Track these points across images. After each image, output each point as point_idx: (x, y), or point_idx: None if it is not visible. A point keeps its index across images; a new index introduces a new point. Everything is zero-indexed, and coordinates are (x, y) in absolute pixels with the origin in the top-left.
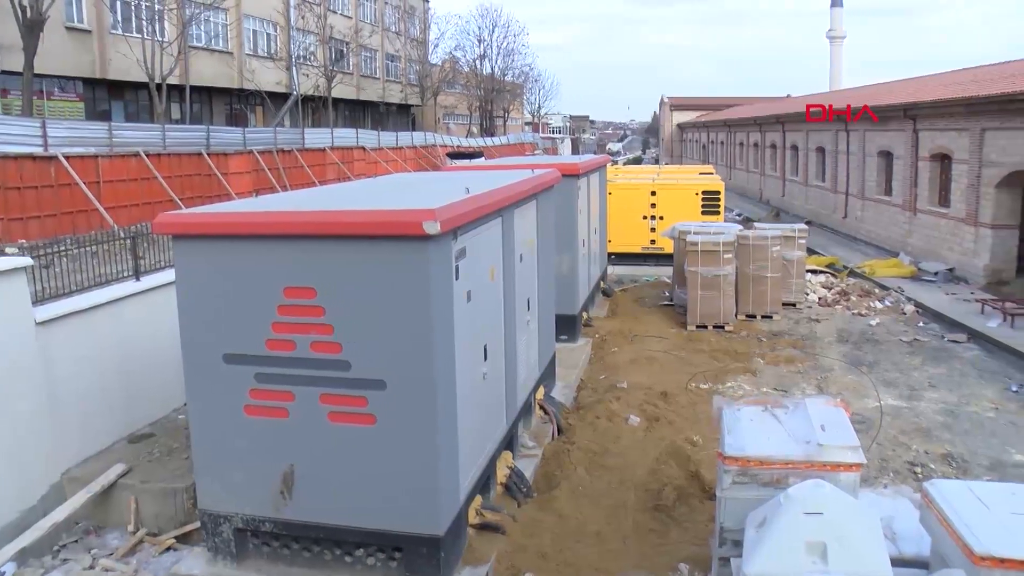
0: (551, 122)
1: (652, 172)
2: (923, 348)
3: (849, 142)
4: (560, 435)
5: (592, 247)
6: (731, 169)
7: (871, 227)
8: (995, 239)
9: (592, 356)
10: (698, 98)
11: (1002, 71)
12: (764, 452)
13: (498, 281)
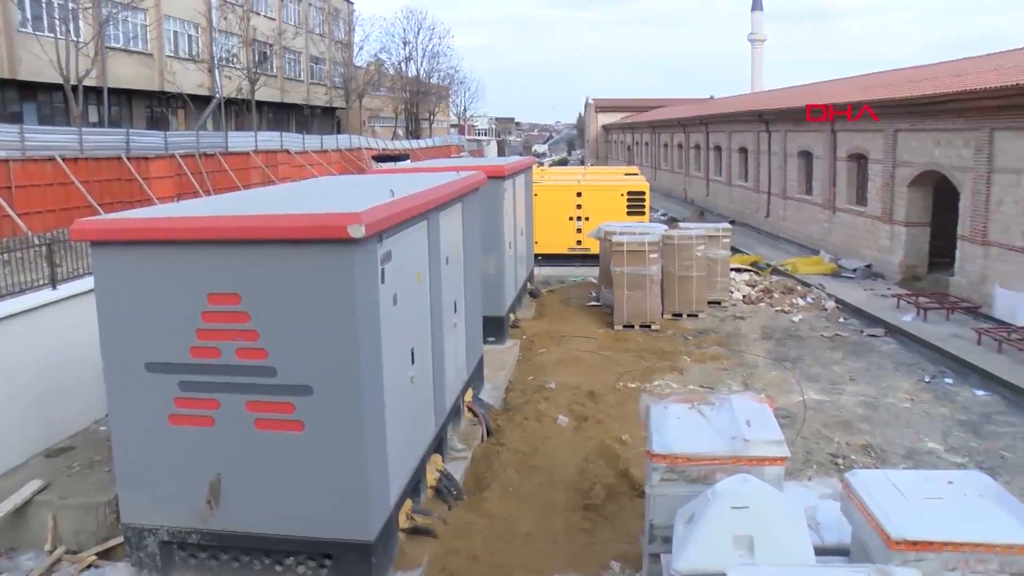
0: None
1: (578, 173)
2: (843, 343)
3: (771, 143)
4: (489, 436)
5: (518, 249)
6: (656, 170)
7: (793, 225)
8: (909, 236)
9: (520, 357)
10: (623, 100)
11: (914, 75)
12: (691, 449)
13: (424, 284)
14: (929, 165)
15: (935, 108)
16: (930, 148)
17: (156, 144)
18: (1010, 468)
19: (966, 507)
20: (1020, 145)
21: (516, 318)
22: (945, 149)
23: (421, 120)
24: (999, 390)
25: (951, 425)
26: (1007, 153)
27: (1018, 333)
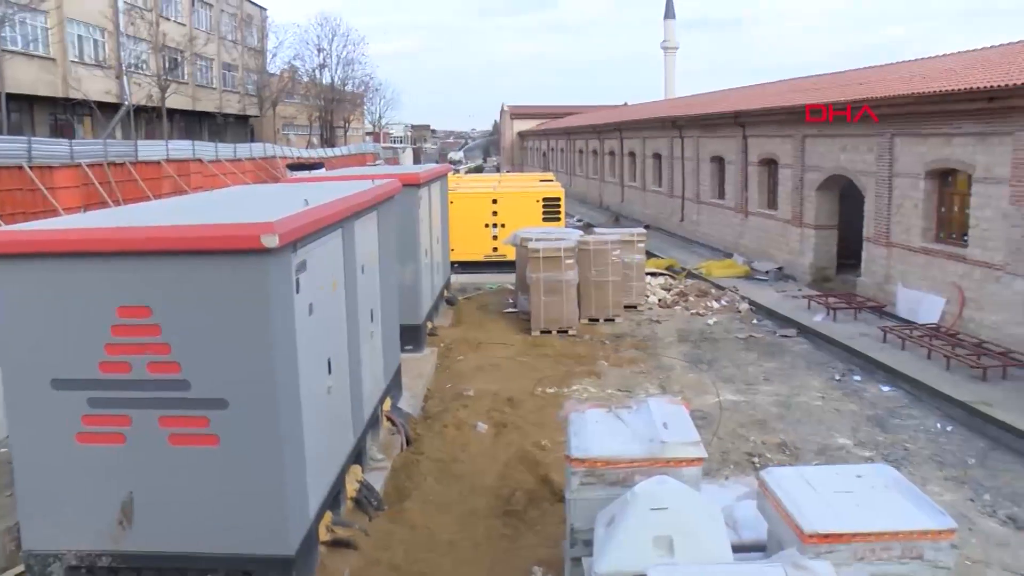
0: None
1: (493, 180)
2: (757, 344)
3: (684, 148)
4: (409, 446)
5: (435, 256)
6: (571, 176)
7: (707, 229)
8: (818, 239)
9: (438, 365)
10: (538, 106)
11: (822, 81)
12: (610, 452)
13: (340, 293)
14: (836, 170)
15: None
16: (836, 153)
17: (61, 153)
18: (913, 459)
19: (873, 499)
20: (918, 151)
21: (433, 326)
22: (850, 154)
23: (336, 128)
24: (903, 386)
25: (860, 420)
26: (906, 158)
27: (919, 330)
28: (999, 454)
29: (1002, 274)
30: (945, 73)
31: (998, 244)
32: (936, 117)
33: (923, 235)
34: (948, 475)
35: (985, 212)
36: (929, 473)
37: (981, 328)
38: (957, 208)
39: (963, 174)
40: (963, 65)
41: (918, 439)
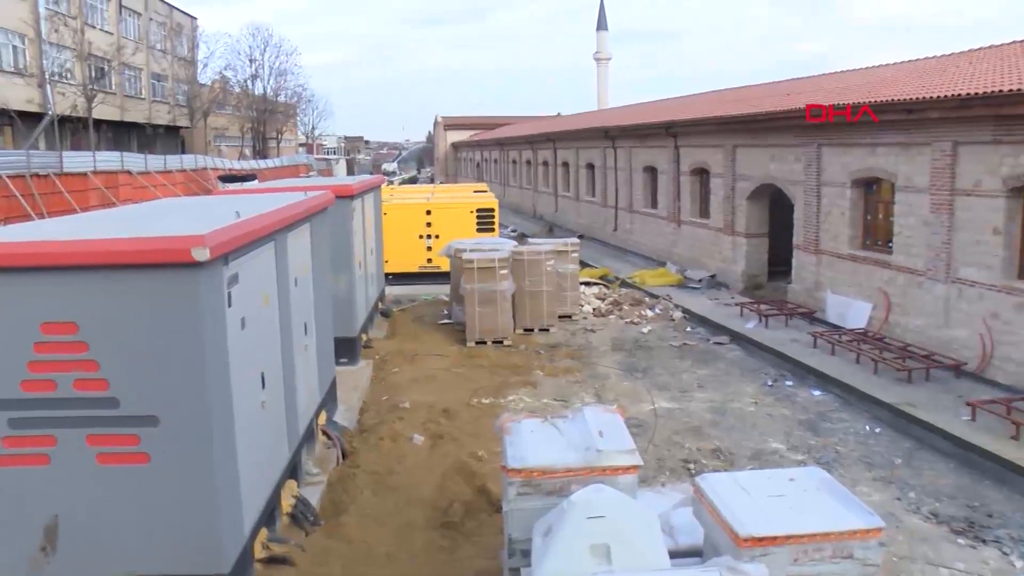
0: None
1: (427, 191)
2: (691, 351)
3: (617, 158)
4: (345, 459)
5: (369, 268)
6: (505, 186)
7: (640, 239)
8: (749, 247)
9: (373, 377)
10: (472, 117)
11: (751, 93)
12: (546, 462)
13: (273, 306)
14: (766, 179)
15: (769, 125)
16: (766, 163)
17: None
18: (843, 461)
19: (805, 501)
20: (844, 160)
21: (368, 338)
22: (779, 164)
23: (269, 139)
24: (833, 390)
25: (792, 425)
26: (833, 167)
27: (848, 335)
28: (924, 453)
29: (924, 279)
30: (868, 85)
31: (920, 250)
32: (860, 128)
33: (850, 242)
34: (876, 475)
35: (908, 220)
36: (859, 474)
37: (906, 332)
38: (882, 216)
39: (887, 183)
40: (886, 78)
41: (848, 441)
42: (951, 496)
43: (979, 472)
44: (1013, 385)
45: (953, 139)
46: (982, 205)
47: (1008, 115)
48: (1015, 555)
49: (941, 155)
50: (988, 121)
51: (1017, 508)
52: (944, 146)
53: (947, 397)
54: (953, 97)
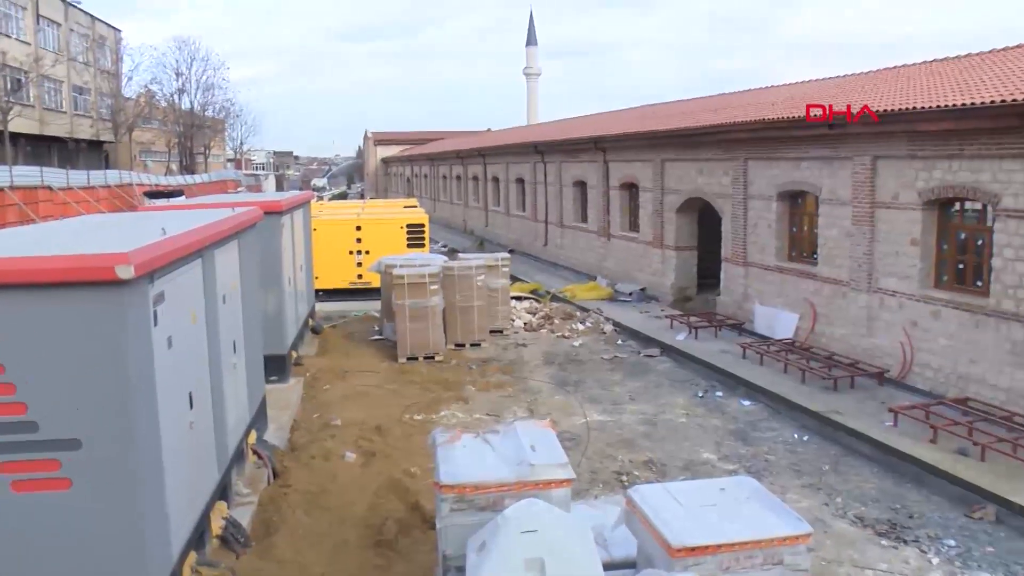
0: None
1: (357, 207)
2: (622, 364)
3: (547, 173)
4: (276, 479)
5: (298, 285)
6: (436, 202)
7: (570, 253)
8: (679, 260)
9: (304, 395)
10: (402, 132)
11: (680, 108)
12: (479, 477)
13: (201, 324)
14: (694, 192)
15: (698, 140)
16: (694, 176)
17: None
18: (773, 469)
19: (736, 510)
20: (770, 173)
21: (299, 355)
22: (707, 177)
23: (196, 154)
24: (762, 399)
25: (723, 435)
26: (759, 181)
27: (776, 346)
28: (850, 459)
29: (848, 290)
30: (793, 101)
31: (843, 262)
32: (785, 142)
33: (777, 254)
34: (805, 482)
35: (831, 232)
36: (788, 482)
37: (831, 341)
38: (807, 228)
39: (811, 196)
40: (810, 93)
41: (777, 450)
42: (875, 500)
43: (901, 475)
44: (932, 390)
45: (873, 154)
46: (900, 217)
47: (922, 131)
48: (932, 553)
49: (862, 169)
50: (904, 137)
51: (935, 508)
52: (864, 160)
53: (871, 404)
54: (871, 113)
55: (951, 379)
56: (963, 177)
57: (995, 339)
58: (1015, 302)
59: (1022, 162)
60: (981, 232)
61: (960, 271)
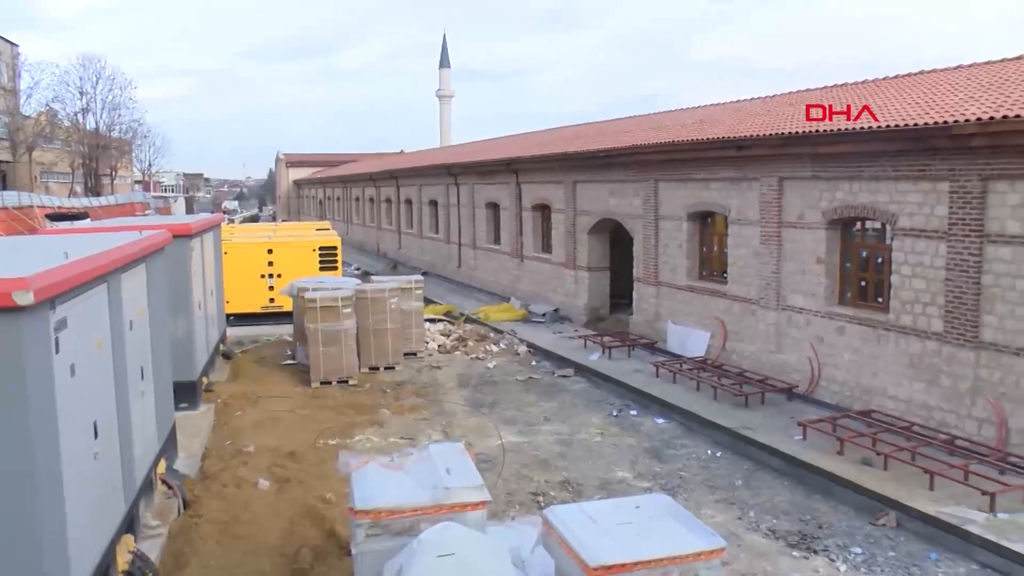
0: (164, 181)
1: (269, 230)
2: (537, 385)
3: (460, 195)
4: (186, 509)
5: (209, 309)
6: (349, 224)
7: (484, 275)
8: (591, 280)
9: (215, 422)
10: (314, 154)
11: (591, 130)
12: (394, 502)
13: (106, 351)
14: (606, 213)
15: (609, 161)
16: (606, 198)
17: None
18: (687, 485)
19: (651, 527)
20: (680, 195)
21: (210, 381)
22: (619, 199)
23: (102, 176)
24: (676, 417)
25: (637, 453)
26: (670, 202)
27: (688, 364)
28: (761, 473)
29: (757, 308)
30: (703, 123)
31: (752, 280)
32: (695, 164)
33: (688, 274)
34: (719, 497)
35: (740, 251)
36: (702, 497)
37: (742, 358)
38: (717, 248)
39: (720, 216)
40: (719, 116)
41: (691, 466)
42: (786, 512)
43: (810, 487)
44: (838, 404)
45: (779, 175)
46: (806, 236)
47: (824, 153)
48: (840, 561)
49: (768, 190)
50: (808, 159)
51: (842, 517)
52: (771, 181)
53: (781, 419)
54: (777, 135)
55: (856, 392)
56: (863, 198)
57: (895, 353)
58: (912, 317)
59: (916, 184)
60: (881, 250)
61: (863, 288)
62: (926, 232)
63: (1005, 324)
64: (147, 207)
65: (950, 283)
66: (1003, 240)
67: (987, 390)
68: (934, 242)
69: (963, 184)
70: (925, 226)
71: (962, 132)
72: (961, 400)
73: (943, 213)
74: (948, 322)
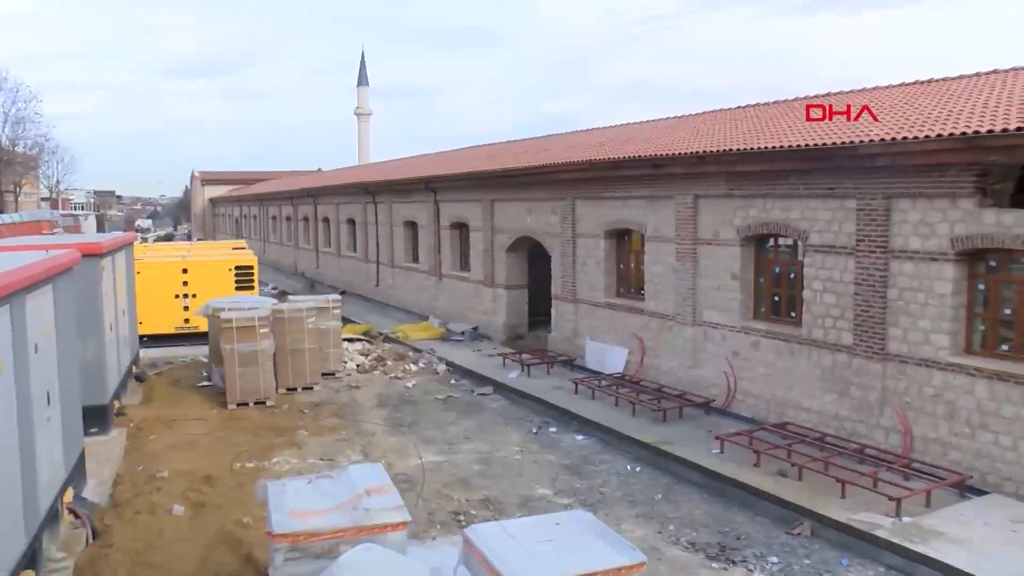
0: (73, 198)
1: (183, 249)
2: (456, 404)
3: (378, 213)
4: (95, 539)
5: (121, 330)
6: (266, 243)
7: (402, 293)
8: (510, 298)
9: (128, 447)
10: (230, 172)
11: (509, 148)
12: (312, 525)
13: (9, 375)
14: (523, 232)
15: (526, 180)
16: (523, 216)
17: None
18: (607, 501)
19: (572, 544)
20: (597, 213)
21: (122, 405)
22: (536, 217)
23: (5, 192)
24: (595, 433)
25: (558, 470)
26: (587, 220)
27: (607, 380)
28: (680, 487)
29: (673, 324)
30: (619, 142)
31: (669, 296)
32: (612, 182)
33: (606, 291)
34: (639, 512)
35: (657, 268)
36: (622, 512)
37: (660, 374)
38: (634, 265)
39: (637, 234)
40: (635, 135)
41: (611, 482)
42: (705, 524)
43: (728, 499)
44: (754, 417)
45: (694, 193)
46: (721, 253)
47: (738, 172)
48: (758, 571)
49: (684, 207)
50: (723, 177)
51: (759, 528)
52: (686, 199)
53: (699, 433)
54: (692, 154)
55: (771, 405)
56: (776, 215)
57: (807, 366)
58: (823, 331)
59: (825, 201)
60: (793, 266)
61: (776, 303)
62: (835, 248)
63: (909, 336)
64: (55, 225)
65: (858, 297)
66: (906, 256)
67: (893, 400)
68: (843, 258)
69: (868, 202)
70: (834, 242)
71: (867, 152)
72: (870, 410)
73: (851, 230)
74: (857, 335)
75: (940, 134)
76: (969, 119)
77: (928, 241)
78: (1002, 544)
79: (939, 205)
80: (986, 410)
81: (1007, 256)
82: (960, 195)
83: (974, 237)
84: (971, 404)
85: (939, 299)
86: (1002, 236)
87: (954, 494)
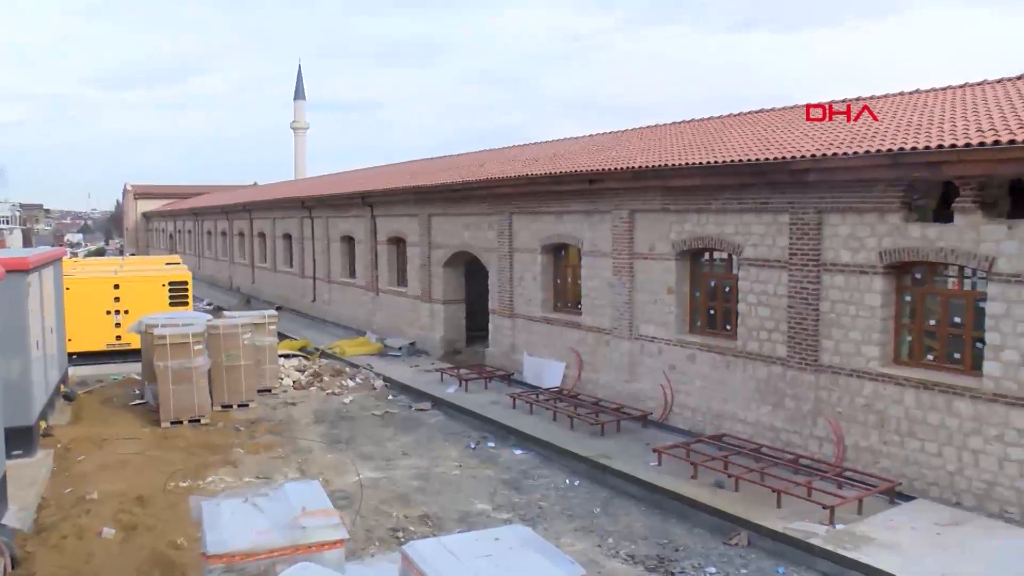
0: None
1: (115, 264)
2: (394, 419)
3: (314, 228)
4: (16, 568)
5: (48, 348)
6: (200, 258)
7: (339, 309)
8: (447, 313)
9: (55, 469)
10: (164, 186)
11: (446, 163)
12: (248, 544)
13: None
14: (461, 247)
15: (463, 194)
16: (460, 231)
17: None
18: (546, 515)
19: (511, 559)
20: (534, 228)
21: (48, 425)
22: (473, 232)
23: None
24: (534, 448)
25: (496, 485)
26: (524, 234)
27: (545, 395)
28: (619, 500)
29: (610, 338)
30: (556, 157)
31: (606, 310)
32: (548, 197)
33: (543, 305)
34: (578, 525)
35: (593, 282)
36: (561, 526)
37: (597, 388)
38: (571, 280)
39: (574, 248)
40: (572, 150)
41: (550, 496)
42: (644, 537)
43: (666, 511)
44: (691, 429)
45: (630, 207)
46: (657, 267)
47: (674, 187)
48: None
49: (620, 222)
50: (658, 192)
51: (697, 539)
52: (623, 214)
53: (637, 446)
54: (628, 169)
55: (708, 417)
56: (711, 229)
57: (743, 378)
58: (758, 343)
59: (759, 216)
60: (728, 280)
61: (712, 316)
62: (769, 262)
63: (840, 347)
64: None
65: (792, 310)
66: (837, 268)
67: (826, 410)
68: (776, 271)
69: (801, 216)
70: (768, 256)
71: (798, 168)
72: (804, 421)
73: (784, 244)
74: (791, 347)
75: (868, 150)
76: (895, 136)
77: (858, 254)
78: (928, 547)
79: (868, 220)
80: (914, 418)
81: (931, 269)
82: (887, 210)
83: (901, 250)
84: (900, 413)
85: (869, 311)
86: (926, 249)
87: (884, 500)
